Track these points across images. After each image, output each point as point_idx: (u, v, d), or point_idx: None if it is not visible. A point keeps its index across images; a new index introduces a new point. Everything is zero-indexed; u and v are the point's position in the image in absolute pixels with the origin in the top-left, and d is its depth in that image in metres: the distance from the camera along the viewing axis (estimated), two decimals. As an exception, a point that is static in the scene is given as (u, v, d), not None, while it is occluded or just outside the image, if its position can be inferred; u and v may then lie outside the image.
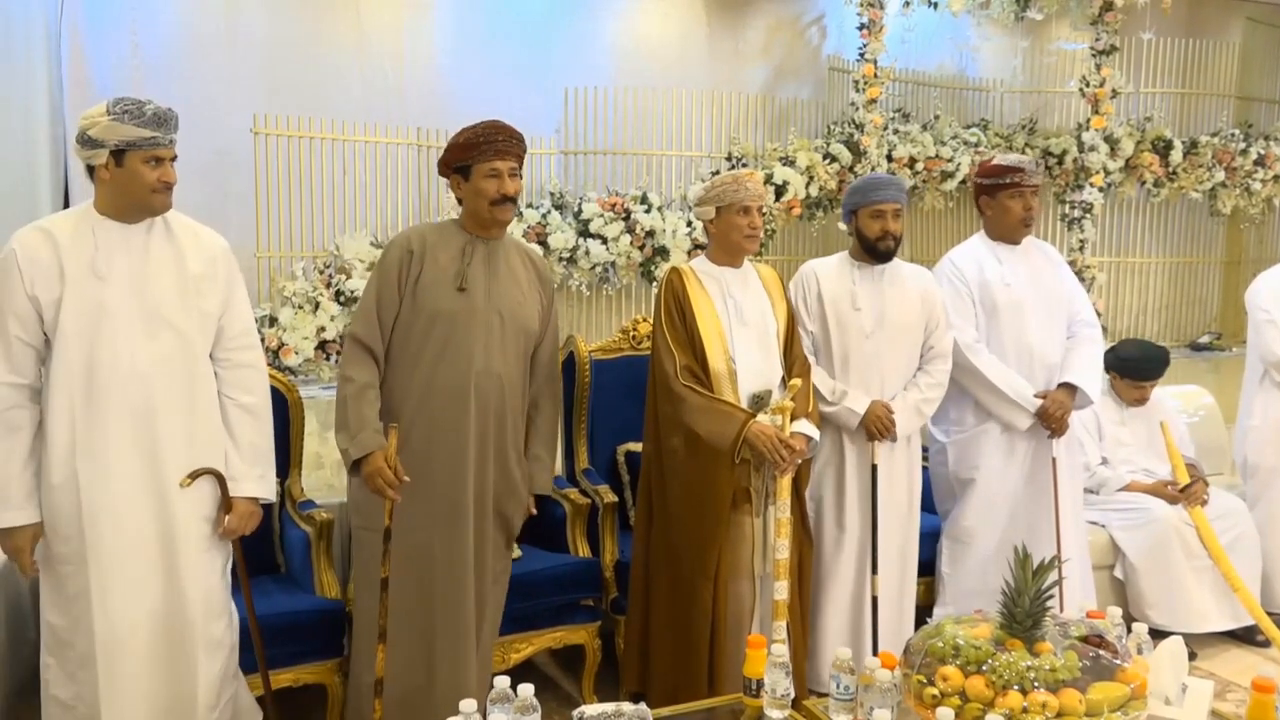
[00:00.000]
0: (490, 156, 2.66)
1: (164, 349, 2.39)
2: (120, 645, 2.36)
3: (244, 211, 4.30)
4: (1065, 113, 6.25)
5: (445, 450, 2.65)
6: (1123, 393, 4.04)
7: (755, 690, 2.17)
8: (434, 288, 2.66)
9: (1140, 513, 3.81)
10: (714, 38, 5.63)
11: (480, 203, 2.69)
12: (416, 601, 2.67)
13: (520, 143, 2.74)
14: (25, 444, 2.35)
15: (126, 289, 2.37)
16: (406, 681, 2.68)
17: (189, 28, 4.36)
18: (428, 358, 2.65)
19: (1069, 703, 1.88)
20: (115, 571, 2.35)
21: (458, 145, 2.70)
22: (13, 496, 2.33)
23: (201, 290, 2.46)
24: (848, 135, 5.33)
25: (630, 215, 4.78)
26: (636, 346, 3.77)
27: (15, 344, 2.33)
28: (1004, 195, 3.45)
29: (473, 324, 2.66)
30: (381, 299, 2.68)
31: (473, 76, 4.94)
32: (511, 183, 2.69)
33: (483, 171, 2.67)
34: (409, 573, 2.66)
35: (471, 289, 2.68)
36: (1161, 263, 6.71)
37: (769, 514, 2.89)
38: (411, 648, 2.67)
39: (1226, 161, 6.13)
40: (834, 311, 3.25)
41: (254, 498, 2.54)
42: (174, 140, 2.38)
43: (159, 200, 2.39)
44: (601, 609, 3.41)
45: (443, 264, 2.68)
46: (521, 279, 2.81)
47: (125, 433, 2.35)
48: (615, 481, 3.69)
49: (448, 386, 2.64)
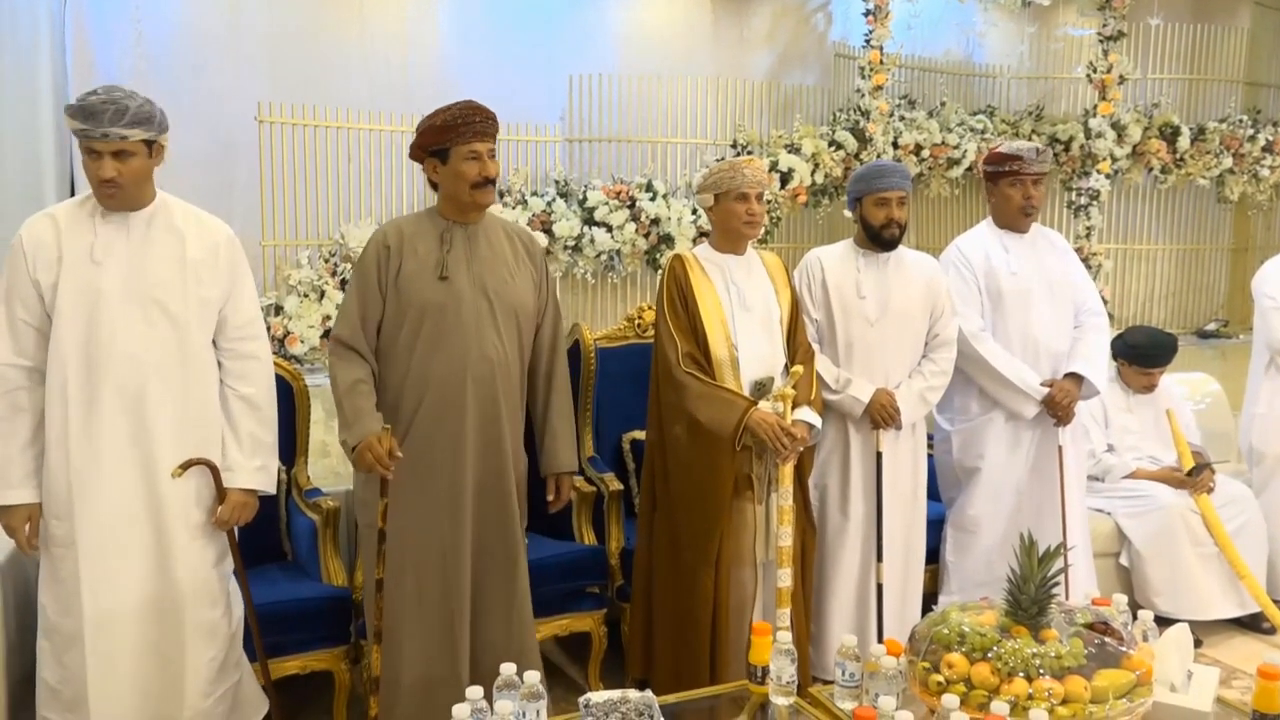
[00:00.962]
0: (469, 138, 2.59)
1: (159, 335, 2.41)
2: (107, 629, 2.38)
3: (249, 200, 4.30)
4: (1072, 99, 6.22)
5: (447, 440, 2.63)
6: (1130, 380, 4.03)
7: (760, 677, 2.17)
8: (416, 280, 2.61)
9: (1146, 500, 3.80)
10: (719, 24, 5.61)
11: (461, 186, 2.62)
12: (437, 593, 2.64)
13: (495, 123, 2.66)
14: (29, 425, 2.39)
15: (123, 275, 2.38)
16: (428, 673, 2.65)
17: (193, 16, 4.35)
18: (420, 350, 2.61)
19: (1074, 690, 1.88)
20: (104, 555, 2.37)
21: (434, 127, 2.61)
22: (12, 476, 2.37)
23: (201, 278, 2.46)
24: (853, 122, 5.31)
25: (635, 203, 4.77)
26: (642, 334, 3.77)
27: (21, 327, 2.37)
28: (1004, 183, 3.44)
29: (461, 311, 2.61)
30: (364, 300, 2.63)
31: (477, 64, 4.93)
32: (491, 164, 2.63)
33: (462, 154, 2.60)
34: (421, 565, 2.64)
35: (454, 276, 2.63)
36: (1168, 250, 6.68)
37: (771, 501, 2.89)
38: (429, 639, 2.65)
39: (1234, 148, 6.10)
40: (838, 299, 3.24)
41: (250, 489, 2.54)
42: (110, 135, 2.29)
43: (104, 196, 2.37)
44: (607, 596, 3.42)
45: (422, 255, 2.63)
46: (508, 257, 2.74)
47: (118, 417, 2.37)
48: (621, 469, 3.70)
49: (443, 377, 2.61)
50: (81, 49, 4.15)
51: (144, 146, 2.36)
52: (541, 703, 1.91)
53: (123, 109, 2.30)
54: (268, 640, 2.79)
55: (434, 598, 2.65)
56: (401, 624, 2.63)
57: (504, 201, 4.55)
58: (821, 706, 2.17)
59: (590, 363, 3.68)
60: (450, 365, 2.61)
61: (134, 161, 2.35)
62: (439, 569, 2.65)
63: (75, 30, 4.13)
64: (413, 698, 2.64)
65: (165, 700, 2.46)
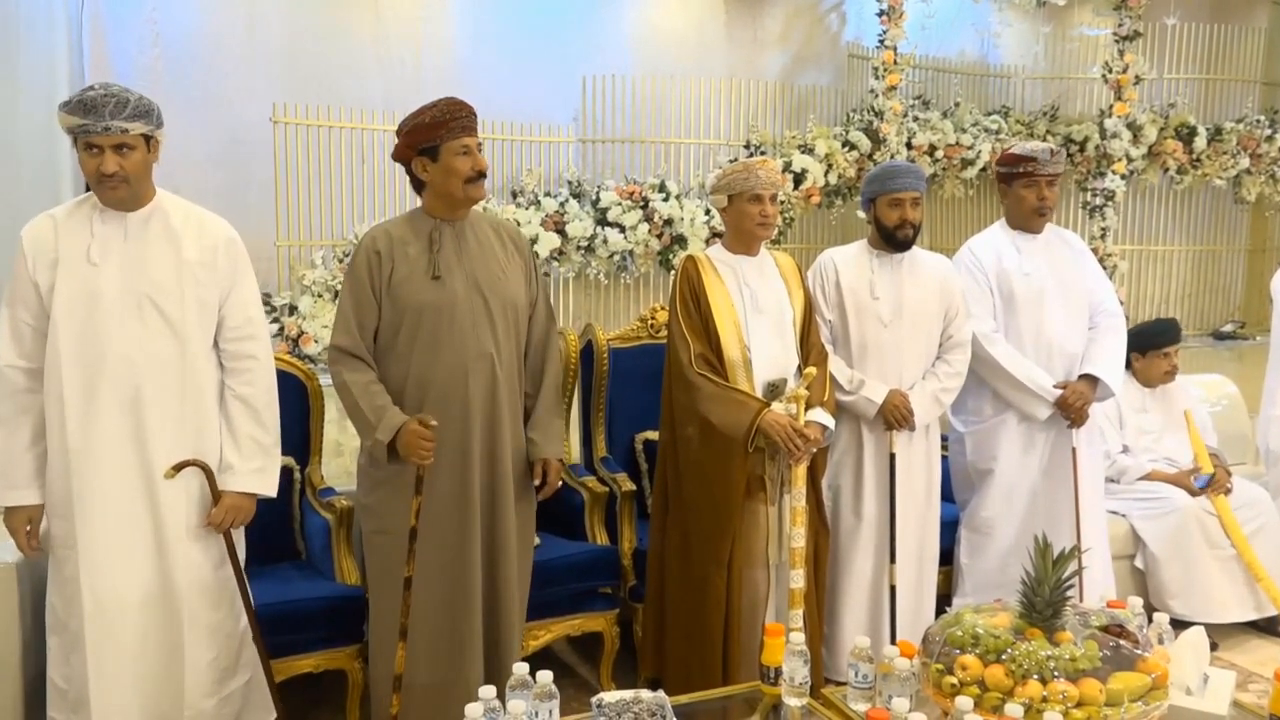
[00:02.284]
0: (459, 133, 2.57)
1: (156, 337, 2.40)
2: (107, 629, 2.39)
3: (263, 200, 4.32)
4: (1087, 99, 6.19)
5: (453, 438, 2.60)
6: (1152, 369, 3.98)
7: (773, 678, 2.17)
8: (409, 283, 2.58)
9: (1161, 502, 3.78)
10: (732, 25, 5.60)
11: (454, 182, 2.59)
12: (439, 596, 2.63)
13: (477, 118, 2.65)
14: (32, 426, 2.40)
15: (119, 276, 2.38)
16: (432, 675, 2.65)
17: (209, 17, 4.38)
18: (419, 352, 2.59)
19: (1089, 692, 1.88)
20: (103, 554, 2.38)
21: (424, 125, 2.58)
22: (17, 477, 2.39)
23: (199, 279, 2.45)
24: (867, 123, 5.30)
25: (648, 204, 4.77)
26: (655, 335, 3.77)
27: (23, 328, 2.38)
28: (1018, 184, 3.43)
29: (456, 310, 2.59)
30: (359, 307, 2.60)
31: (491, 65, 4.94)
32: (481, 158, 2.62)
33: (454, 149, 2.57)
34: (432, 565, 2.62)
35: (447, 275, 2.60)
36: (1184, 250, 6.65)
37: (784, 502, 2.89)
38: (434, 642, 2.65)
39: (1251, 148, 6.06)
40: (852, 300, 3.23)
41: (246, 493, 2.51)
42: (111, 129, 2.27)
43: (105, 191, 2.36)
44: (620, 596, 3.42)
45: (413, 257, 2.60)
46: (498, 252, 2.71)
47: (115, 418, 2.37)
48: (633, 470, 3.69)
49: (444, 377, 2.59)
50: (98, 50, 4.17)
51: (143, 141, 2.35)
52: (553, 702, 1.91)
53: (123, 101, 2.29)
54: (282, 639, 2.80)
55: (444, 598, 2.64)
56: (412, 625, 2.61)
57: (517, 202, 4.55)
58: (834, 708, 2.17)
59: (603, 363, 3.68)
60: (450, 365, 2.59)
61: (134, 156, 2.33)
62: (449, 569, 2.64)
63: (92, 32, 4.16)
64: (424, 697, 2.64)
65: (166, 700, 2.46)
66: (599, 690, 3.10)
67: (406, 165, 2.68)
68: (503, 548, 2.70)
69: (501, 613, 2.71)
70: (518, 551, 2.75)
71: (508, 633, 2.73)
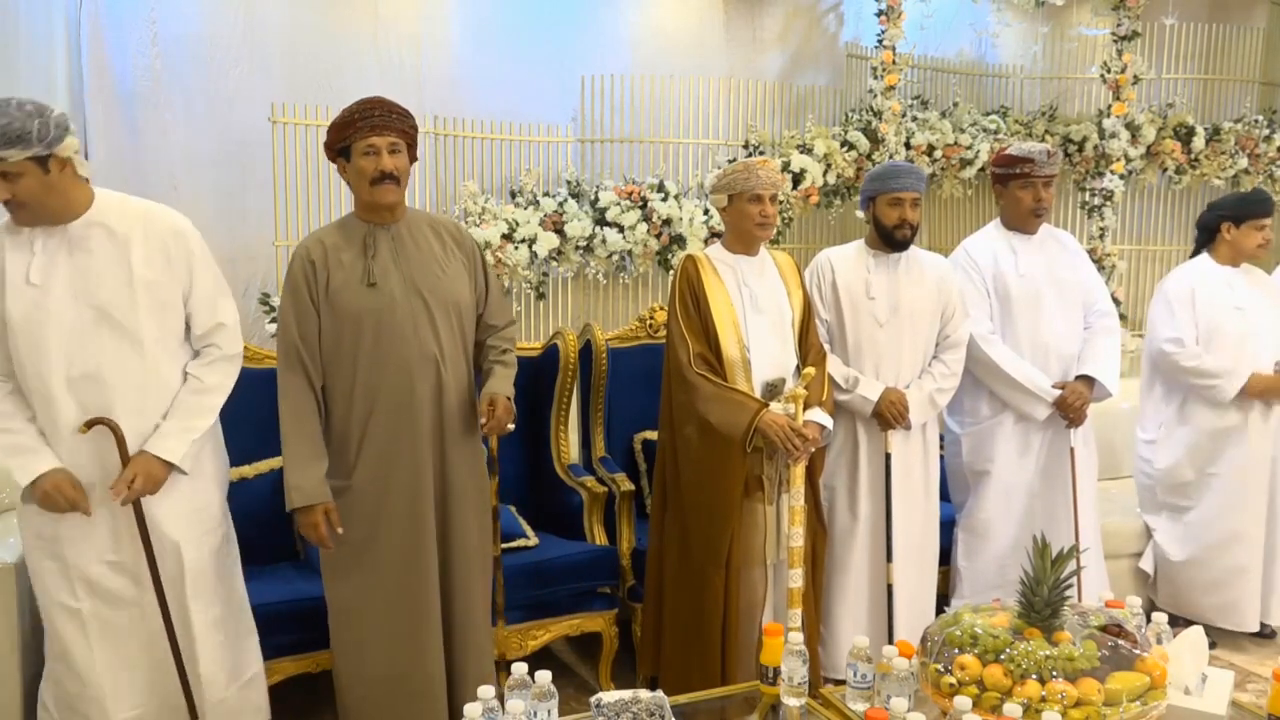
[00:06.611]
0: (366, 133, 2.50)
1: (113, 350, 2.36)
2: (97, 623, 2.42)
3: (262, 200, 4.31)
4: (1086, 99, 6.19)
5: (403, 443, 2.57)
6: (1246, 240, 3.75)
7: (772, 678, 2.17)
8: (346, 290, 2.55)
9: (1190, 512, 3.76)
10: (731, 25, 5.60)
11: (361, 183, 2.54)
12: (395, 598, 2.61)
13: (403, 118, 2.58)
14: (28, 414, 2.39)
15: (69, 295, 2.32)
16: (391, 668, 2.64)
17: (208, 18, 4.37)
18: (363, 359, 2.55)
19: (1087, 692, 1.88)
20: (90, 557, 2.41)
21: (334, 126, 2.55)
22: (39, 448, 2.34)
23: (149, 279, 2.39)
24: (866, 122, 5.29)
25: (647, 204, 4.76)
26: (653, 335, 3.77)
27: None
28: (1015, 185, 3.43)
29: (396, 315, 2.55)
30: (300, 318, 2.56)
31: (490, 65, 4.93)
32: (391, 159, 2.52)
33: (360, 150, 2.52)
34: (387, 568, 2.60)
35: (383, 280, 2.56)
36: (1183, 251, 6.63)
37: (782, 502, 2.89)
38: (391, 640, 2.62)
39: (1250, 148, 6.06)
40: (848, 299, 3.24)
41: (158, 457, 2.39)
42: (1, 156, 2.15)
43: (11, 214, 2.28)
44: (618, 596, 3.43)
45: (348, 263, 2.57)
46: (436, 253, 2.66)
47: (80, 438, 2.34)
48: (632, 469, 3.70)
49: (391, 383, 2.55)
50: (96, 50, 4.16)
51: (33, 165, 2.19)
52: (552, 702, 1.92)
53: None
54: (282, 639, 2.81)
55: (400, 601, 2.61)
56: (370, 624, 2.61)
57: (516, 202, 4.55)
58: (833, 708, 2.17)
59: (602, 363, 3.68)
60: (395, 370, 2.55)
61: (25, 181, 2.20)
62: (404, 573, 2.60)
63: (90, 31, 4.14)
64: (384, 690, 2.64)
65: (173, 692, 2.48)
66: (598, 690, 3.11)
67: None
68: (459, 546, 2.67)
69: (461, 611, 2.69)
70: (477, 548, 2.73)
71: (475, 632, 2.72)
